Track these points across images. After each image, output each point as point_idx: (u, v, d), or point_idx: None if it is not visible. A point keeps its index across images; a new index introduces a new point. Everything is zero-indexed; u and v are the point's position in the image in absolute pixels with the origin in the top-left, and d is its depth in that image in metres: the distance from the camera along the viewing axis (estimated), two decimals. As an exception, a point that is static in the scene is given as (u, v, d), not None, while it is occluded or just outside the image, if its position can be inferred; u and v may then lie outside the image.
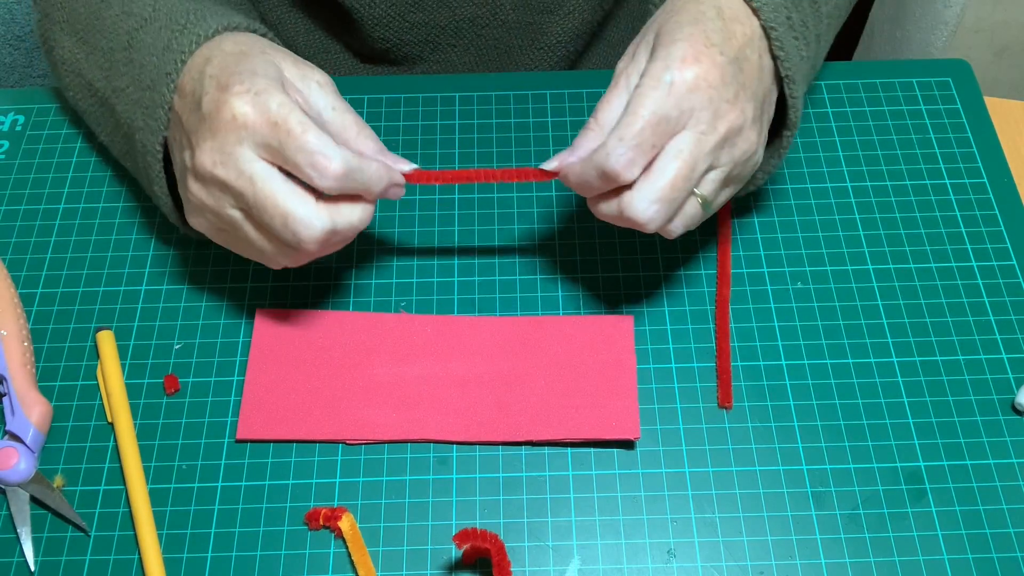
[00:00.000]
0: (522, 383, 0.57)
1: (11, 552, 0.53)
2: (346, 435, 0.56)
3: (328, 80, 0.54)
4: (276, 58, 0.53)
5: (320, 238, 0.50)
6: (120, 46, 0.58)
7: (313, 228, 0.50)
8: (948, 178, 0.67)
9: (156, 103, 0.55)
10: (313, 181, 0.49)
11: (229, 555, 0.53)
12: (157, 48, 0.55)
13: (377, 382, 0.58)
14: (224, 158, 0.50)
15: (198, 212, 0.53)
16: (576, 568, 0.52)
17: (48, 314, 0.61)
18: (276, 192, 0.49)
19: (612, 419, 0.56)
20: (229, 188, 0.50)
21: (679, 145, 0.50)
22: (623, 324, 0.60)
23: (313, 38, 0.78)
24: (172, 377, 0.58)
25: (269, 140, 0.49)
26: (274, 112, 0.49)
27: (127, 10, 0.58)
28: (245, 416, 0.56)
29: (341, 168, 0.49)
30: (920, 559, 0.52)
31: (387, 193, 0.54)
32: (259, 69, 0.51)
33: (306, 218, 0.49)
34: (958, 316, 0.61)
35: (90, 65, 0.61)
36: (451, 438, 0.56)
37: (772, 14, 0.53)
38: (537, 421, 0.56)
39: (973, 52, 1.07)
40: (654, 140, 0.49)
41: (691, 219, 0.52)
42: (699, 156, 0.50)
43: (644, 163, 0.49)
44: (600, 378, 0.57)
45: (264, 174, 0.50)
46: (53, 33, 0.64)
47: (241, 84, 0.50)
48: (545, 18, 0.76)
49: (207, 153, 0.50)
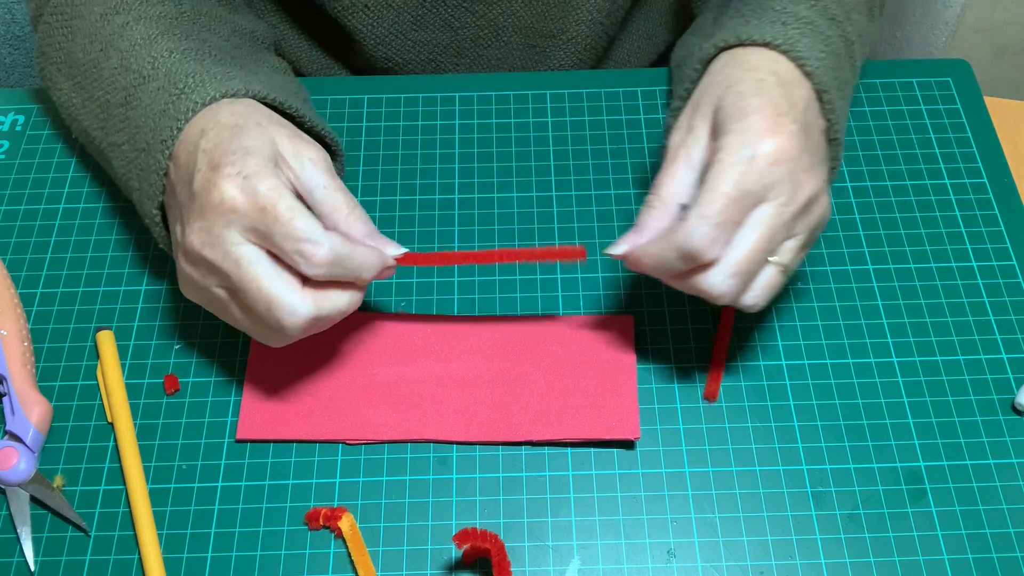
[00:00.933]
0: (522, 383, 0.57)
1: (11, 552, 0.53)
2: (346, 435, 0.56)
3: (322, 157, 0.53)
4: (271, 131, 0.52)
5: (303, 325, 0.49)
6: (117, 101, 0.58)
7: (296, 315, 0.49)
8: (948, 178, 0.67)
9: (151, 168, 0.54)
10: (300, 268, 0.48)
11: (229, 555, 0.53)
12: (154, 111, 0.55)
13: (377, 382, 0.58)
14: (212, 239, 0.49)
15: (187, 286, 0.53)
16: (576, 568, 0.52)
17: (48, 314, 0.61)
18: (261, 277, 0.49)
19: (612, 419, 0.56)
20: (215, 269, 0.50)
21: (758, 217, 0.49)
22: (623, 324, 0.60)
23: (314, 56, 0.78)
24: (172, 377, 0.58)
25: (257, 225, 0.48)
26: (263, 197, 0.48)
27: (126, 65, 0.58)
28: (245, 416, 0.56)
29: (329, 256, 0.48)
30: (920, 559, 0.52)
31: (378, 277, 0.53)
32: (252, 146, 0.50)
33: (290, 305, 0.49)
34: (958, 316, 0.61)
35: (86, 113, 0.60)
36: (451, 438, 0.56)
37: (824, 77, 0.53)
38: (537, 421, 0.56)
39: (973, 52, 1.07)
40: (736, 217, 0.48)
41: (772, 289, 0.51)
42: (778, 228, 0.49)
43: (727, 240, 0.49)
44: (600, 378, 0.57)
45: (250, 258, 0.49)
46: (50, 72, 0.63)
47: (232, 166, 0.49)
48: (548, 42, 0.75)
49: (195, 233, 0.50)
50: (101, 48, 0.59)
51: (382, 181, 0.67)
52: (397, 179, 0.67)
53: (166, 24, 0.59)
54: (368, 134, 0.69)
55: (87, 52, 0.60)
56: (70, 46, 0.61)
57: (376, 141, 0.69)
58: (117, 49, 0.58)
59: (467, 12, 0.73)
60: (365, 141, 0.69)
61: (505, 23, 0.74)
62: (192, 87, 0.54)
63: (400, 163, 0.68)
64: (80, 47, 0.61)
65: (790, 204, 0.49)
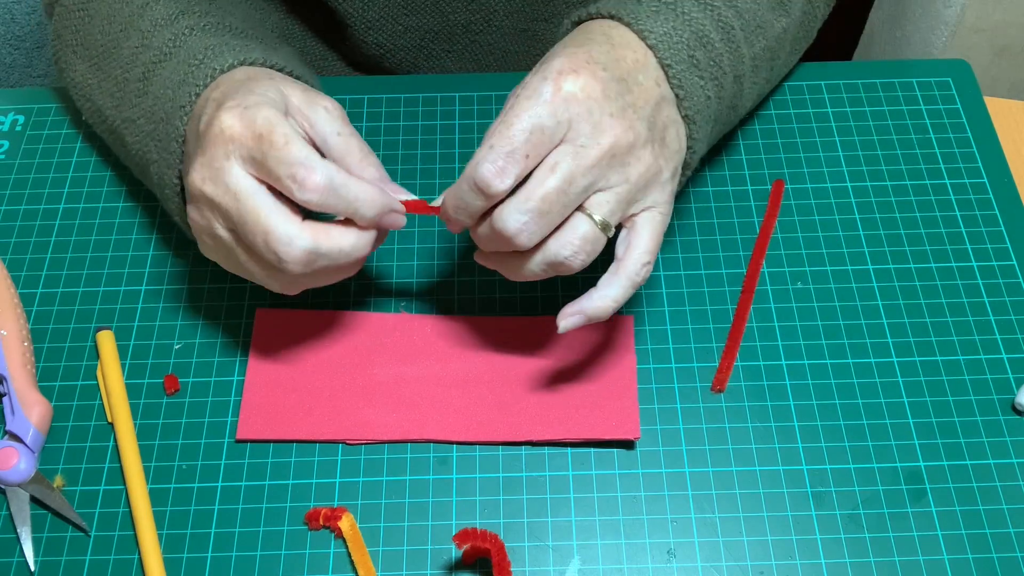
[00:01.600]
0: (522, 383, 0.57)
1: (11, 552, 0.53)
2: (346, 435, 0.56)
3: (337, 106, 0.53)
4: (283, 85, 0.52)
5: (301, 258, 0.48)
6: (135, 77, 0.58)
7: (293, 246, 0.48)
8: (948, 178, 0.67)
9: (170, 136, 0.54)
10: (294, 194, 0.47)
11: (229, 555, 0.53)
12: (173, 82, 0.55)
13: (377, 382, 0.58)
14: (212, 173, 0.49)
15: (197, 234, 0.53)
16: (576, 568, 0.52)
17: (48, 314, 0.61)
18: (258, 208, 0.48)
19: (612, 419, 0.56)
20: (217, 206, 0.49)
21: (555, 158, 0.47)
22: (623, 324, 0.60)
23: (307, 45, 0.78)
24: (172, 377, 0.58)
25: (254, 153, 0.48)
26: (260, 124, 0.48)
27: (147, 43, 0.58)
28: (245, 416, 0.56)
29: (323, 181, 0.47)
30: (920, 559, 0.52)
31: (384, 220, 0.51)
32: (259, 89, 0.50)
33: (286, 235, 0.48)
34: (958, 316, 0.61)
35: (102, 92, 0.61)
36: (451, 438, 0.56)
37: (668, 52, 0.52)
38: (537, 421, 0.56)
39: (973, 52, 1.07)
40: (527, 150, 0.47)
41: (587, 242, 0.49)
42: (576, 170, 0.47)
43: (516, 172, 0.47)
44: (600, 378, 0.57)
45: (249, 190, 0.48)
46: (65, 55, 0.64)
47: (234, 100, 0.49)
48: (540, 26, 0.75)
49: (197, 170, 0.49)
50: (121, 28, 0.60)
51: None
52: (397, 179, 0.67)
53: (185, 3, 0.59)
54: (368, 134, 0.69)
55: (105, 33, 0.61)
56: (88, 28, 0.62)
57: (376, 141, 0.69)
58: (137, 29, 0.59)
59: None
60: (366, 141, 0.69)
61: (496, 7, 0.74)
62: (212, 56, 0.55)
63: (400, 163, 0.68)
64: (98, 28, 0.61)
65: (590, 147, 0.47)
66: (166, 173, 0.55)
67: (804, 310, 0.61)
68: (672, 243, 0.64)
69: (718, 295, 0.62)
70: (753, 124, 0.70)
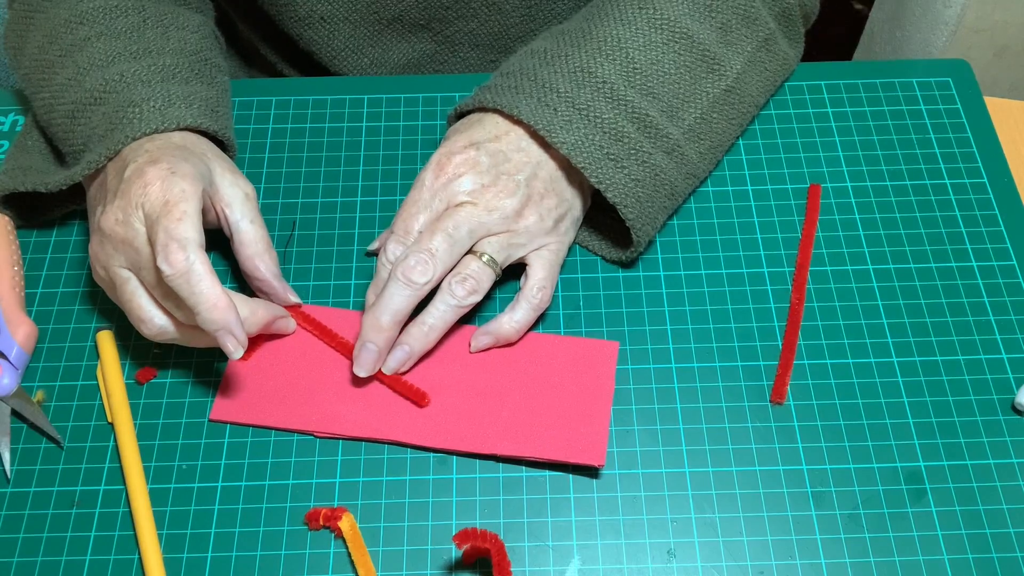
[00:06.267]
0: (496, 395, 0.57)
1: (11, 552, 0.53)
2: (315, 427, 0.56)
3: (254, 194, 0.59)
4: (214, 163, 0.57)
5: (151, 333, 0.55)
6: (64, 112, 0.61)
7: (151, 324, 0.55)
8: (948, 178, 0.67)
9: (87, 161, 0.57)
10: (156, 260, 0.51)
11: (229, 555, 0.53)
12: (96, 135, 0.59)
13: (353, 379, 0.58)
14: (125, 218, 0.53)
15: (94, 264, 0.56)
16: (576, 568, 0.52)
17: (48, 314, 0.61)
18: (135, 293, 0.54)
19: (579, 443, 0.55)
20: (122, 248, 0.53)
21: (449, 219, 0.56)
22: (607, 350, 0.59)
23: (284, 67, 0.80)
24: (148, 369, 0.59)
25: (153, 211, 0.52)
26: (174, 193, 0.52)
27: (79, 81, 0.61)
28: (221, 398, 0.57)
29: (183, 265, 0.50)
30: (920, 559, 0.52)
31: (273, 327, 0.57)
32: (191, 159, 0.55)
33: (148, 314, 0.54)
34: (958, 316, 0.61)
35: (32, 95, 0.64)
36: (419, 443, 0.55)
37: (582, 156, 0.57)
38: (505, 435, 0.55)
39: (973, 52, 1.07)
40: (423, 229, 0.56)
41: (478, 277, 0.56)
42: (462, 222, 0.55)
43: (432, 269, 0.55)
44: (575, 401, 0.57)
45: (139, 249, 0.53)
46: (10, 54, 0.66)
47: (167, 161, 0.53)
48: (506, 57, 0.74)
49: (113, 211, 0.53)
50: (60, 54, 0.61)
51: (382, 181, 0.67)
52: (398, 179, 0.67)
53: (126, 41, 0.61)
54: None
55: (43, 51, 0.62)
56: (24, 37, 0.64)
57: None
58: (74, 62, 0.61)
59: (424, 29, 0.73)
60: (366, 142, 0.69)
61: (462, 40, 0.75)
62: (132, 118, 0.58)
63: (400, 163, 0.68)
64: (35, 43, 0.63)
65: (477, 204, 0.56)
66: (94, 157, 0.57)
67: (804, 310, 0.61)
68: (672, 243, 0.64)
69: (718, 295, 0.62)
70: (753, 124, 0.70)
